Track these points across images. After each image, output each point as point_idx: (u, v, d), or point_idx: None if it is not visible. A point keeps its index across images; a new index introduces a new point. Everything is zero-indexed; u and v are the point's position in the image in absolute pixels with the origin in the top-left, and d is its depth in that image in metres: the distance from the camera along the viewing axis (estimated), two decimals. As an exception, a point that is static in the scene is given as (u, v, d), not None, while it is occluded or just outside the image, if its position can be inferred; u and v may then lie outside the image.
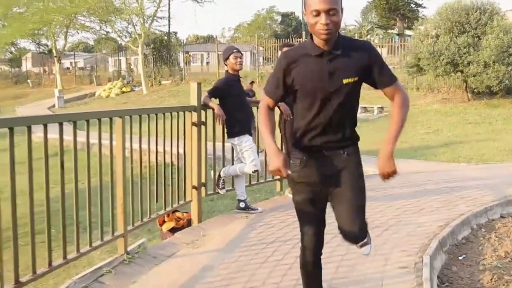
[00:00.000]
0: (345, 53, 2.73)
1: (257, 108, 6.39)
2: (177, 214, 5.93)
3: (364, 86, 2.85)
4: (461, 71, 19.23)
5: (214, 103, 5.83)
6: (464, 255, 4.99)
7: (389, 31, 44.03)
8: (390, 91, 2.86)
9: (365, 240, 3.02)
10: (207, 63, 42.23)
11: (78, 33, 39.80)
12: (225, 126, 5.95)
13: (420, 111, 19.04)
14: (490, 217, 6.21)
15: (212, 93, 5.86)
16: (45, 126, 3.44)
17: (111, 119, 4.21)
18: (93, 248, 4.04)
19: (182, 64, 35.34)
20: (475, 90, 19.61)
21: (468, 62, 18.54)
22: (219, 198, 7.97)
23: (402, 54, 29.13)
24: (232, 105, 5.86)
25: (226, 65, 5.96)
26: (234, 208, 6.26)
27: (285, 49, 6.53)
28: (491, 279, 4.33)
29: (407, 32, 41.29)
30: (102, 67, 51.55)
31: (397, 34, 42.52)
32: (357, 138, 2.97)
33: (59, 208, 3.63)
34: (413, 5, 42.12)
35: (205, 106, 5.81)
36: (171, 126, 5.41)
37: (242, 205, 6.07)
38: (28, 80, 47.35)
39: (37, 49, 54.04)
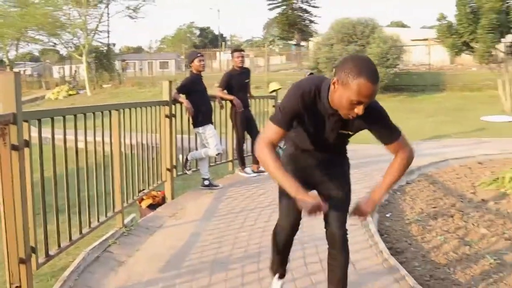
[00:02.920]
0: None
1: (214, 101, 6.33)
2: (153, 192, 5.71)
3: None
4: (350, 73, 19.86)
5: (183, 98, 5.66)
6: (390, 213, 5.15)
7: (289, 42, 44.81)
8: (391, 148, 2.31)
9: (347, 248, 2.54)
10: (140, 69, 41.16)
11: (28, 45, 37.40)
12: (191, 117, 5.80)
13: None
14: (400, 184, 6.45)
15: (180, 90, 5.68)
16: (64, 118, 3.19)
17: (110, 111, 3.96)
18: (100, 223, 3.81)
19: (120, 70, 34.23)
20: (361, 87, 20.34)
21: (356, 66, 19.21)
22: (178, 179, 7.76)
23: (298, 60, 29.83)
24: (197, 99, 5.71)
25: (190, 66, 5.79)
26: (191, 187, 6.13)
27: (236, 53, 6.50)
28: (417, 229, 4.50)
29: (303, 43, 42.12)
30: (48, 74, 48.90)
31: (295, 45, 43.28)
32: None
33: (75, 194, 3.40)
34: (307, 21, 43.00)
35: (175, 101, 5.63)
36: (147, 118, 5.18)
37: (206, 182, 5.95)
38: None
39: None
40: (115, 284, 3.12)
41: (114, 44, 49.90)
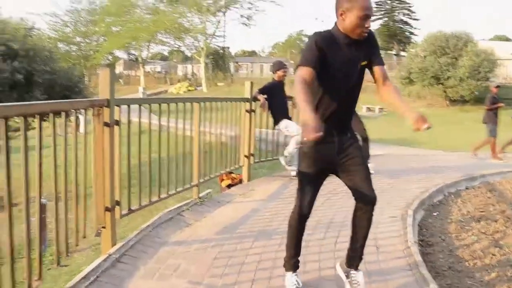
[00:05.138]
0: (363, 41, 2.41)
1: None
2: (232, 175, 6.20)
3: (368, 90, 2.75)
4: (442, 84, 19.03)
5: (262, 96, 6.02)
6: (437, 212, 5.12)
7: (389, 51, 43.57)
8: (379, 71, 2.48)
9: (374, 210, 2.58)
10: (251, 71, 42.52)
11: (157, 46, 40.43)
12: (272, 117, 6.08)
13: (409, 112, 18.89)
14: (458, 188, 6.31)
15: (261, 91, 6.03)
16: (160, 105, 3.75)
17: (191, 104, 4.48)
18: (177, 191, 4.33)
19: (232, 71, 35.72)
20: (452, 98, 19.43)
21: (448, 77, 18.38)
22: (260, 167, 8.17)
23: (398, 70, 28.92)
24: (276, 103, 5.99)
25: (274, 73, 6.09)
26: (268, 175, 6.43)
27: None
28: (455, 228, 4.48)
29: (402, 53, 40.76)
30: (173, 71, 52.12)
31: (395, 55, 41.97)
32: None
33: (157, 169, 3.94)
34: (407, 33, 41.59)
35: (255, 99, 6.02)
36: (228, 112, 5.64)
37: (293, 173, 6.01)
38: (120, 80, 48.00)
39: (128, 57, 54.93)
40: (178, 238, 3.61)
41: (228, 48, 52.03)
